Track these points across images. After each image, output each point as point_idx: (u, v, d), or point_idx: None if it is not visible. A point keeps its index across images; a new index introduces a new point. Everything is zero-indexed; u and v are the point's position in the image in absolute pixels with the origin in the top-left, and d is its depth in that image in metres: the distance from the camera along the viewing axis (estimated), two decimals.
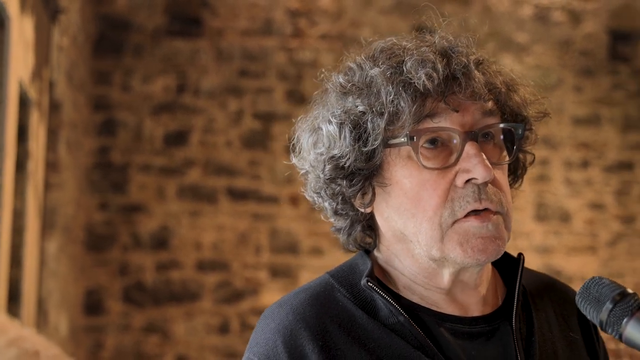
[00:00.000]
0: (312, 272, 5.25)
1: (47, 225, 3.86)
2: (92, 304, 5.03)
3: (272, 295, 5.20)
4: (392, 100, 1.06)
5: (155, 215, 5.16)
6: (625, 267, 5.61)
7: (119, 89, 5.22)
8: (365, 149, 1.08)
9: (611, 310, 0.97)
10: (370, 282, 1.10)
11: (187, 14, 5.37)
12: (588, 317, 1.01)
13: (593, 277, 1.02)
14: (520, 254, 1.18)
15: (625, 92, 5.77)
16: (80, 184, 4.76)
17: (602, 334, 1.24)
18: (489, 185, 1.07)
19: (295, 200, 5.29)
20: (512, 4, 5.64)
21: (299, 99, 5.40)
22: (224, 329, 5.15)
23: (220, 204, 5.24)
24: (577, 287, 1.09)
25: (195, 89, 5.31)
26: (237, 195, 5.27)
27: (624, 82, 5.78)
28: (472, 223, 1.06)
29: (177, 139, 5.25)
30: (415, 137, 1.06)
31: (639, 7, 5.87)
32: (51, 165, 3.94)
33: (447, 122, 1.07)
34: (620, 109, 5.71)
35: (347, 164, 1.09)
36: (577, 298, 1.03)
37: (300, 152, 1.18)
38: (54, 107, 3.87)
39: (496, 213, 1.08)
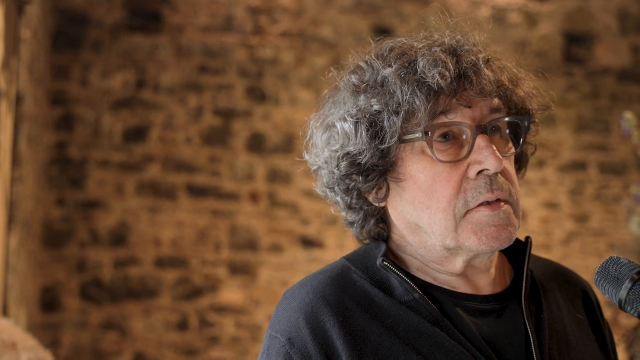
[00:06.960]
0: (271, 269, 5.26)
1: (9, 220, 3.80)
2: (49, 301, 4.97)
3: (230, 292, 5.20)
4: (408, 100, 1.09)
5: (114, 212, 5.12)
6: (578, 265, 5.72)
7: (78, 83, 5.17)
8: (382, 147, 1.11)
9: (630, 289, 0.99)
10: (386, 261, 1.15)
11: (146, 9, 5.34)
12: (606, 296, 1.03)
13: (611, 257, 1.04)
14: (527, 237, 1.23)
15: (579, 93, 5.88)
16: (39, 179, 4.70)
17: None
18: (499, 175, 1.12)
19: (255, 197, 5.30)
20: (470, 4, 5.72)
21: (259, 96, 5.41)
22: (182, 325, 5.14)
23: (180, 201, 5.22)
24: None
25: (154, 84, 5.28)
26: (197, 191, 5.26)
27: (578, 84, 5.90)
28: (484, 212, 1.10)
29: (136, 134, 5.22)
30: (429, 132, 1.10)
31: (593, 10, 6.00)
32: (13, 159, 3.88)
33: (459, 117, 1.11)
34: (574, 110, 5.82)
35: (363, 160, 1.13)
36: (595, 277, 1.05)
37: (313, 149, 1.21)
38: (17, 100, 3.80)
39: (506, 202, 1.12)
